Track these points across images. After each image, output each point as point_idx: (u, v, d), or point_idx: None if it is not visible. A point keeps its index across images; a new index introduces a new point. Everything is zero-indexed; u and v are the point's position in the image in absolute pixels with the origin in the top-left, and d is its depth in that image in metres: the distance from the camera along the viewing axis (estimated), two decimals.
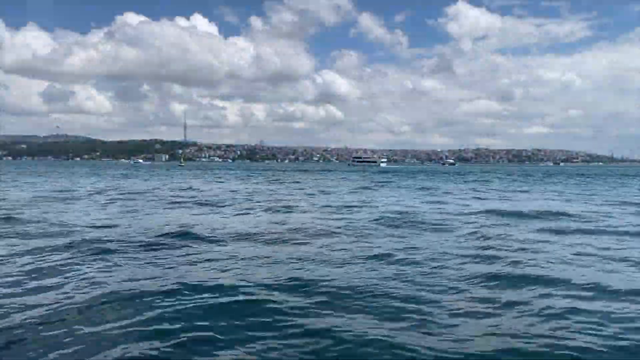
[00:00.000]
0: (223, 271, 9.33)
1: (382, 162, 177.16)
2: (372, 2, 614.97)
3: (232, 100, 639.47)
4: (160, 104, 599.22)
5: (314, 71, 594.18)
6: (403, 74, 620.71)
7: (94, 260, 10.13)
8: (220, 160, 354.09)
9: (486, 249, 11.94)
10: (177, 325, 6.26)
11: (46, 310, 6.80)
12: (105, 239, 12.70)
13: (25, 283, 8.33)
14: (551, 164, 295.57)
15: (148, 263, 10.02)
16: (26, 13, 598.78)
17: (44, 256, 10.47)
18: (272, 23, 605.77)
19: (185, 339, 5.87)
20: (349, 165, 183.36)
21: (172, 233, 13.88)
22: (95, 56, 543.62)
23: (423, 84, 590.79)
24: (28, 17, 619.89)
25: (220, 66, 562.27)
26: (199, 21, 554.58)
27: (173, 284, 8.21)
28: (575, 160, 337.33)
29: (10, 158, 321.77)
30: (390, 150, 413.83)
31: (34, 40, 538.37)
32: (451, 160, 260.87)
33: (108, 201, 25.07)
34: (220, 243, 12.56)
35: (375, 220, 17.42)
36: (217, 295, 7.59)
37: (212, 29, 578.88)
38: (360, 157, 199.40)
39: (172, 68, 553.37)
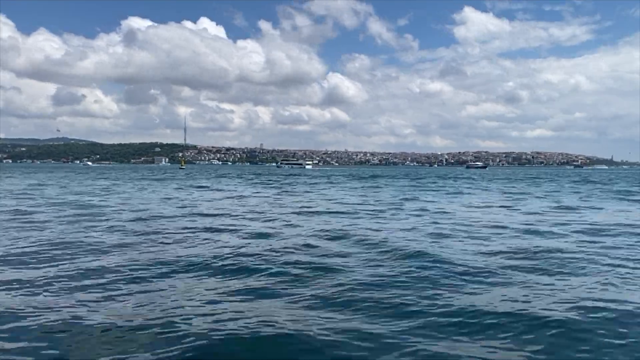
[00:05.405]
0: None
1: (307, 164, 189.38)
2: (379, 6, 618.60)
3: (240, 104, 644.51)
4: (166, 107, 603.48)
5: (322, 75, 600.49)
6: (409, 77, 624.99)
7: None
8: (219, 163, 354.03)
9: None
10: None
11: None
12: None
13: None
14: (571, 167, 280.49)
15: None
16: (36, 18, 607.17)
17: None
18: (282, 27, 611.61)
19: None
20: (277, 167, 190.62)
21: None
22: (103, 60, 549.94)
23: (428, 87, 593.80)
24: (38, 22, 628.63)
25: (230, 70, 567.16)
26: (207, 24, 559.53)
27: None
28: (574, 162, 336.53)
29: (10, 161, 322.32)
30: (390, 153, 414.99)
31: (45, 44, 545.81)
32: (479, 164, 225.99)
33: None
34: None
35: None
36: None
37: (221, 32, 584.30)
38: (288, 159, 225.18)
39: (181, 71, 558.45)
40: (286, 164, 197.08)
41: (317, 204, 24.49)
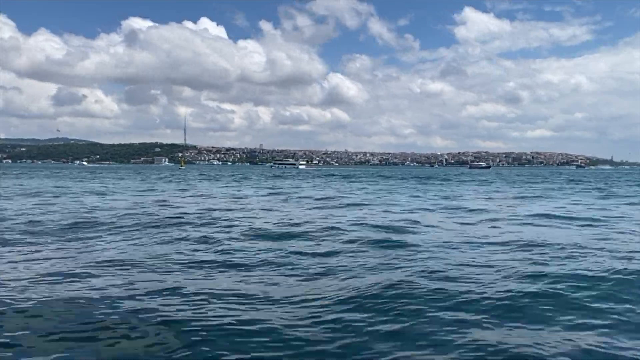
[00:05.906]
0: None
1: (301, 165, 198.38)
2: (380, 6, 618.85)
3: (241, 104, 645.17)
4: (166, 108, 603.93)
5: (323, 75, 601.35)
6: (409, 77, 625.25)
7: None
8: (219, 163, 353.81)
9: None
10: None
11: None
12: None
13: None
14: (573, 167, 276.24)
15: None
16: (37, 18, 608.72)
17: None
18: (283, 27, 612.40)
19: None
20: (271, 167, 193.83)
21: None
22: (104, 60, 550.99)
23: (428, 87, 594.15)
24: (39, 22, 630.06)
25: (231, 70, 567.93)
26: (208, 25, 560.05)
27: None
28: (575, 163, 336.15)
29: (9, 161, 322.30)
30: (390, 153, 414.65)
31: (45, 45, 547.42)
32: (482, 164, 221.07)
33: None
34: None
35: None
36: None
37: (222, 32, 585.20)
38: (281, 160, 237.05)
39: (181, 71, 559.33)
40: (280, 164, 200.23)
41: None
